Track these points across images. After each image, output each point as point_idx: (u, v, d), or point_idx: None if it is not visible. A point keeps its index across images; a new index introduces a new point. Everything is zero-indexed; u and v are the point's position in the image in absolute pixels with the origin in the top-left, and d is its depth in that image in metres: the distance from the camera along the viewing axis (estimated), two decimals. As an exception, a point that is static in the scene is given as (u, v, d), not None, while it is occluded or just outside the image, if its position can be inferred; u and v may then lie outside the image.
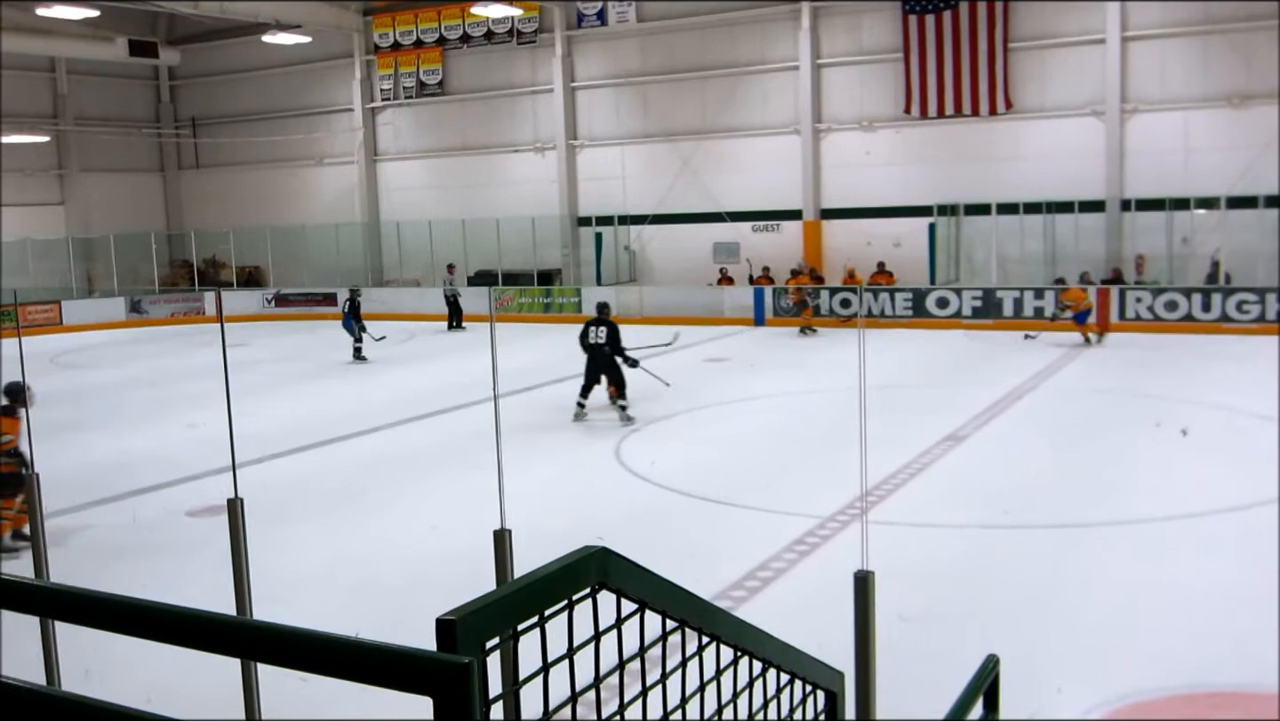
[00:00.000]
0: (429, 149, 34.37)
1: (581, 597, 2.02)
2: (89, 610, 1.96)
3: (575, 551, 2.03)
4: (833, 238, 28.06)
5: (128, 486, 13.12)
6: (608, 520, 10.83)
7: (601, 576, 2.06)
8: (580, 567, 2.00)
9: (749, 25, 28.68)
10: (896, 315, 25.28)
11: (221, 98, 38.00)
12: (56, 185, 36.49)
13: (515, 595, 1.83)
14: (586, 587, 2.02)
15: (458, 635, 1.64)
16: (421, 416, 16.98)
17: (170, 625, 1.87)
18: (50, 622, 6.28)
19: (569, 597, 1.97)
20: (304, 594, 9.02)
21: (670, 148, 30.02)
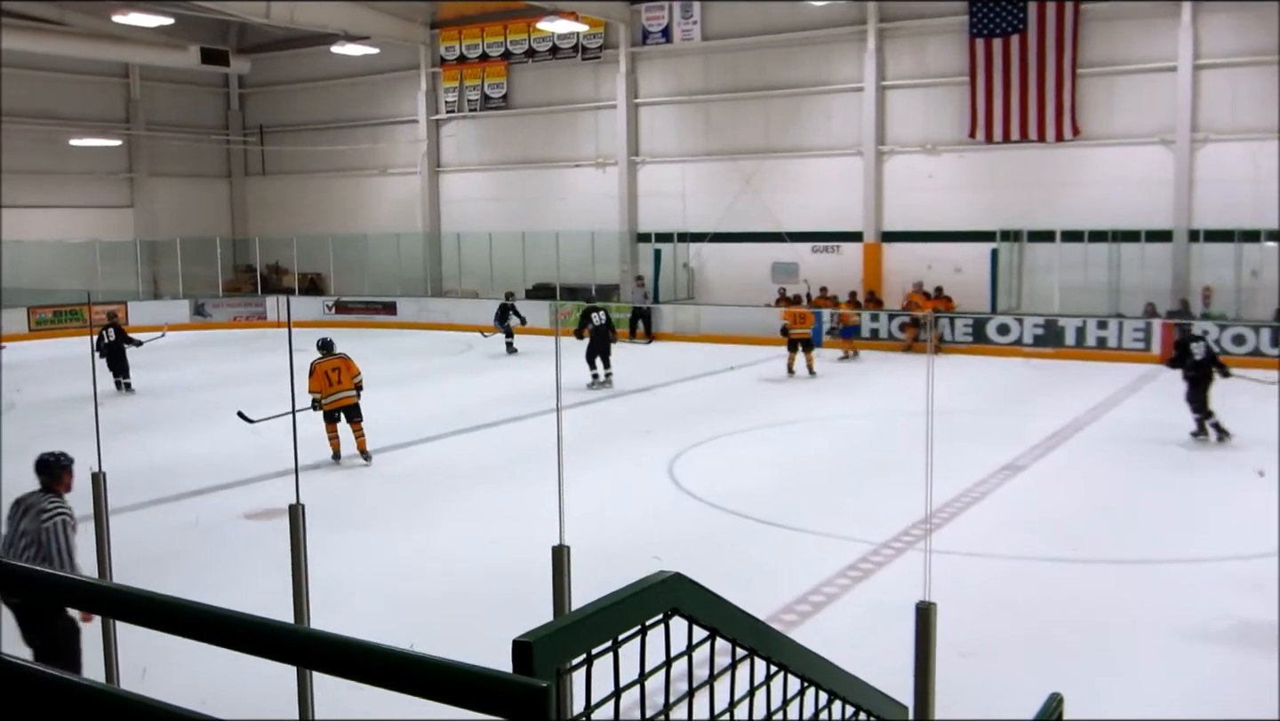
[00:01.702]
0: (491, 162, 34.57)
1: (654, 623, 2.01)
2: (151, 612, 1.97)
3: (650, 576, 2.01)
4: (893, 261, 27.88)
5: (186, 487, 13.28)
6: (660, 538, 10.80)
7: (674, 602, 2.04)
8: (654, 593, 1.98)
9: (813, 46, 28.61)
10: (956, 341, 25.06)
11: (289, 106, 38.49)
12: (126, 189, 37.10)
13: (591, 619, 1.81)
14: (660, 613, 2.01)
15: (534, 657, 1.63)
16: (476, 427, 17.05)
17: (243, 633, 1.88)
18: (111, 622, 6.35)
19: (642, 622, 1.95)
20: (356, 600, 9.07)
21: (731, 166, 29.99)
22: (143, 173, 37.11)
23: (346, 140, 36.64)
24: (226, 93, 39.65)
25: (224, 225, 39.29)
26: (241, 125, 39.71)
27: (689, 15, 30.09)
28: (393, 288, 33.83)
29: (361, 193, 37.08)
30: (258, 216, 39.64)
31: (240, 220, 39.98)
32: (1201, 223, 24.19)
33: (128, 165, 36.88)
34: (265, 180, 39.75)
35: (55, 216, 34.41)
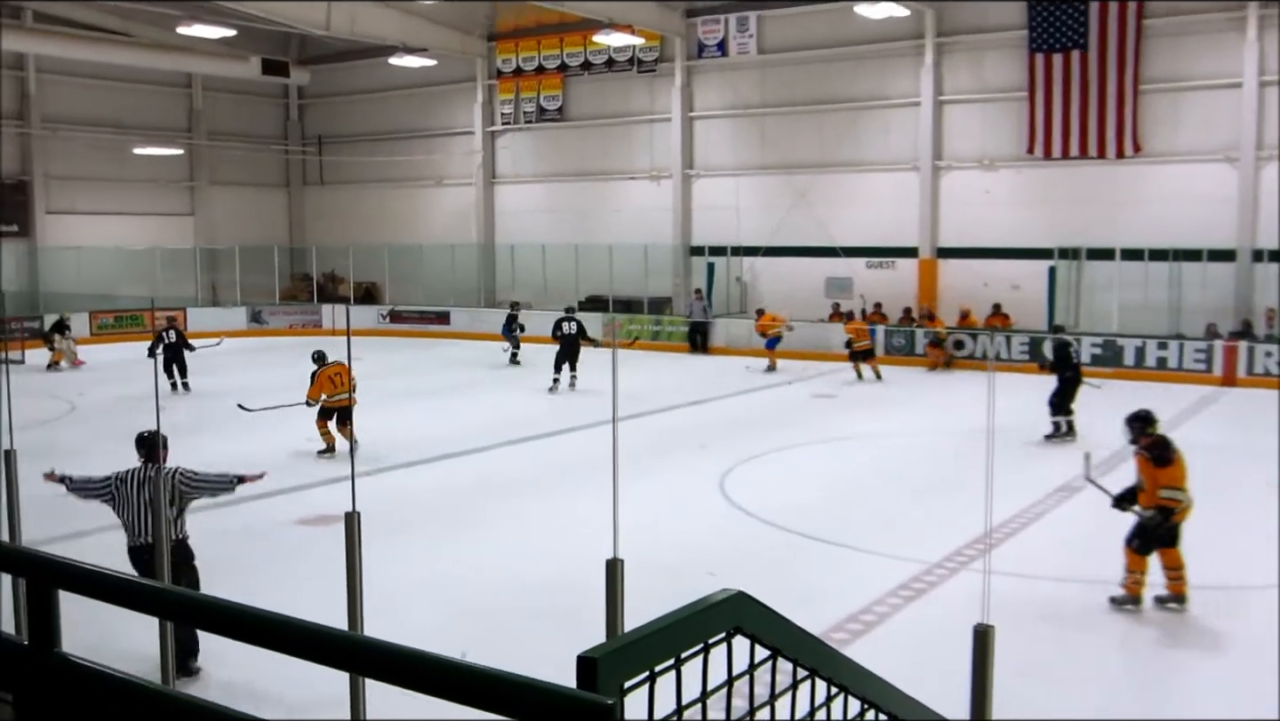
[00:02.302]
0: (545, 173, 34.72)
1: (717, 641, 1.98)
2: (209, 616, 1.98)
3: (713, 595, 1.99)
4: (948, 277, 27.66)
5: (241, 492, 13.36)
6: (712, 553, 10.76)
7: (737, 621, 2.02)
8: (717, 611, 1.96)
9: (870, 60, 28.49)
10: (1012, 359, 24.79)
11: (347, 117, 38.87)
12: (188, 197, 37.62)
13: (654, 636, 1.79)
14: (722, 631, 1.98)
15: (599, 673, 1.61)
16: (528, 438, 17.09)
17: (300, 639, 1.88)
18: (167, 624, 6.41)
19: (705, 641, 1.93)
20: (406, 608, 9.09)
21: (786, 180, 29.92)
22: (203, 181, 37.63)
23: (403, 151, 36.93)
24: (286, 103, 40.14)
25: (282, 234, 39.74)
26: (300, 135, 40.17)
27: (745, 29, 30.09)
28: (446, 298, 34.03)
29: (417, 203, 37.37)
30: (315, 225, 40.05)
31: (298, 229, 40.42)
32: (1266, 242, 23.80)
33: (189, 174, 37.41)
34: (323, 190, 40.16)
35: (118, 223, 34.98)
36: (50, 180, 33.85)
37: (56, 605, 2.06)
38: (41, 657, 2.01)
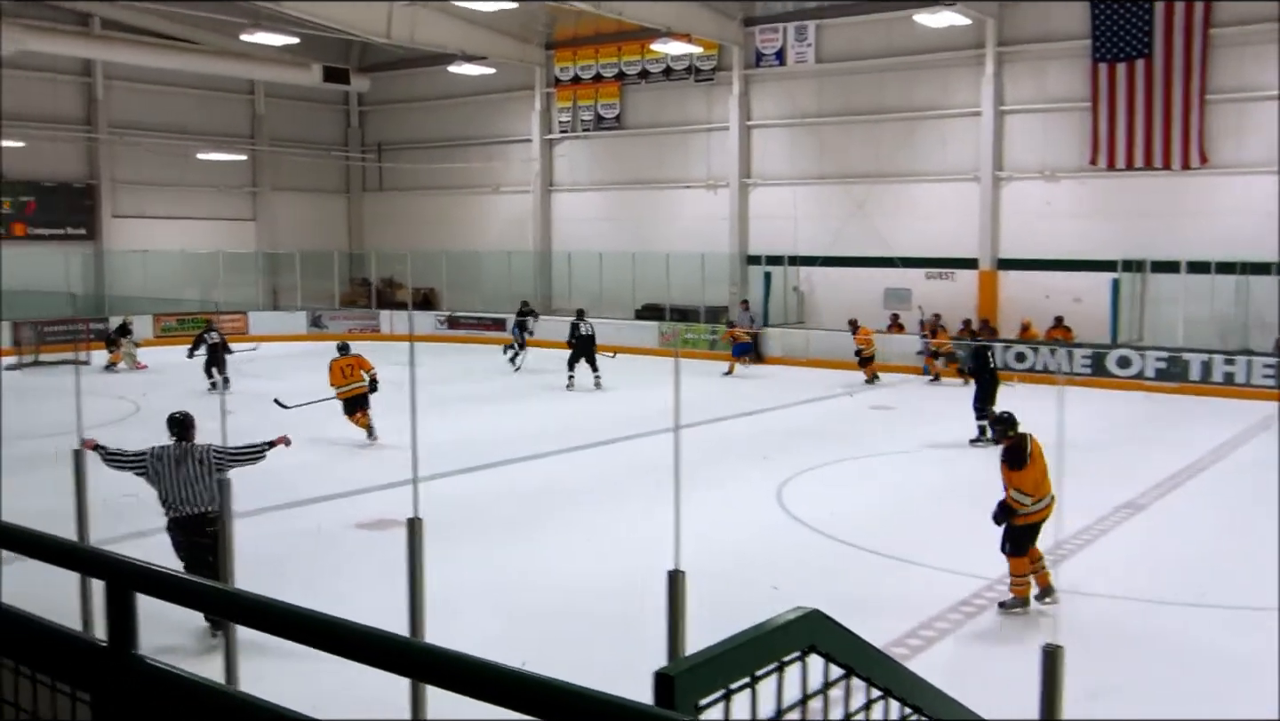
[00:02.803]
0: (602, 181, 34.79)
1: (792, 660, 1.96)
2: (272, 618, 1.99)
3: (789, 612, 1.97)
4: (1009, 289, 27.38)
5: (301, 494, 13.53)
6: (771, 565, 10.72)
7: (812, 639, 2.00)
8: (793, 629, 1.94)
9: (930, 69, 28.30)
10: (1074, 373, 24.48)
11: (406, 124, 39.19)
12: (249, 202, 38.10)
13: (731, 654, 1.78)
14: (797, 650, 1.96)
15: (675, 690, 1.60)
16: (585, 446, 17.12)
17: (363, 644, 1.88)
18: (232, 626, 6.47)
19: (780, 659, 1.91)
20: (465, 614, 9.12)
21: (843, 190, 29.78)
22: (265, 187, 38.09)
23: (461, 158, 37.18)
24: (346, 110, 40.54)
25: (341, 239, 40.13)
26: (360, 142, 40.55)
27: (803, 38, 30.00)
28: (503, 304, 34.16)
29: (475, 210, 37.58)
30: (374, 231, 40.40)
31: (357, 235, 40.80)
32: (1336, 255, 23.36)
33: (251, 179, 37.88)
34: (382, 196, 40.51)
35: (183, 227, 35.50)
36: (117, 185, 34.42)
37: (134, 607, 2.08)
38: (119, 659, 2.03)
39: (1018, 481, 9.38)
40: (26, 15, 29.39)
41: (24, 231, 32.45)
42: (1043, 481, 9.38)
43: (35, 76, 32.04)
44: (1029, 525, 9.42)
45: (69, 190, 33.57)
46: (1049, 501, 9.37)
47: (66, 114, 33.42)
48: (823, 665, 2.13)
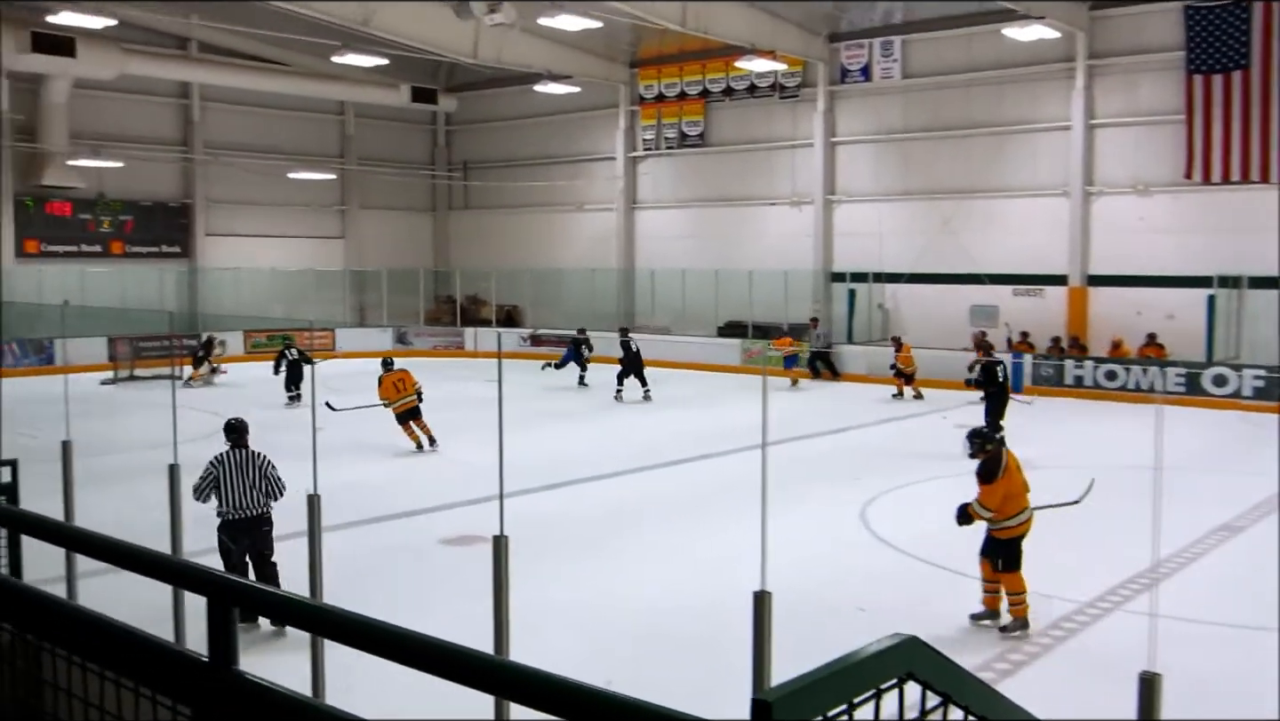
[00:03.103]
0: (686, 199, 34.83)
1: (889, 687, 1.94)
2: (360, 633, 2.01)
3: (886, 639, 1.95)
4: (1100, 305, 26.89)
5: (386, 510, 13.68)
6: (856, 586, 10.62)
7: (910, 666, 1.97)
8: (890, 656, 1.92)
9: (1018, 84, 27.96)
10: (1168, 391, 23.95)
11: (492, 143, 39.59)
12: (338, 220, 38.74)
13: (828, 680, 1.76)
14: (894, 677, 1.94)
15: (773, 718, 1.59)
16: (667, 463, 17.11)
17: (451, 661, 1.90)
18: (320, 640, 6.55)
19: (877, 686, 1.89)
20: (549, 633, 9.14)
21: (929, 206, 29.50)
22: (354, 205, 38.70)
23: (546, 176, 37.46)
24: (434, 129, 41.08)
25: (427, 257, 40.62)
26: (447, 161, 41.05)
27: (889, 53, 29.82)
28: (587, 322, 34.26)
29: (559, 228, 37.83)
30: (459, 249, 40.84)
31: (442, 252, 41.27)
32: None
33: (340, 198, 38.52)
34: (467, 214, 40.95)
35: (273, 245, 36.20)
36: (210, 204, 35.21)
37: (234, 623, 2.12)
38: (220, 674, 2.07)
39: (985, 495, 9.56)
40: (128, 39, 30.22)
41: (122, 249, 33.32)
42: (1018, 497, 9.57)
43: (135, 99, 32.97)
44: (1012, 539, 9.53)
45: (165, 209, 34.41)
46: (1026, 517, 9.56)
47: (164, 135, 34.28)
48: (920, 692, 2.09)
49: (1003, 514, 9.52)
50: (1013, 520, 9.53)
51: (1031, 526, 9.62)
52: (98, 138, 31.82)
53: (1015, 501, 9.56)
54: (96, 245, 32.88)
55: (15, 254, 31.04)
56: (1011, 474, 9.61)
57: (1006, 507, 9.53)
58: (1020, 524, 9.53)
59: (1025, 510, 9.57)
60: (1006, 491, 9.52)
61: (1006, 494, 9.52)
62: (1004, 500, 9.51)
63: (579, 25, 26.42)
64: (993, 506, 9.50)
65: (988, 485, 9.56)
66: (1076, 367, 25.43)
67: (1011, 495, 9.54)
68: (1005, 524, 9.53)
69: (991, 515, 9.51)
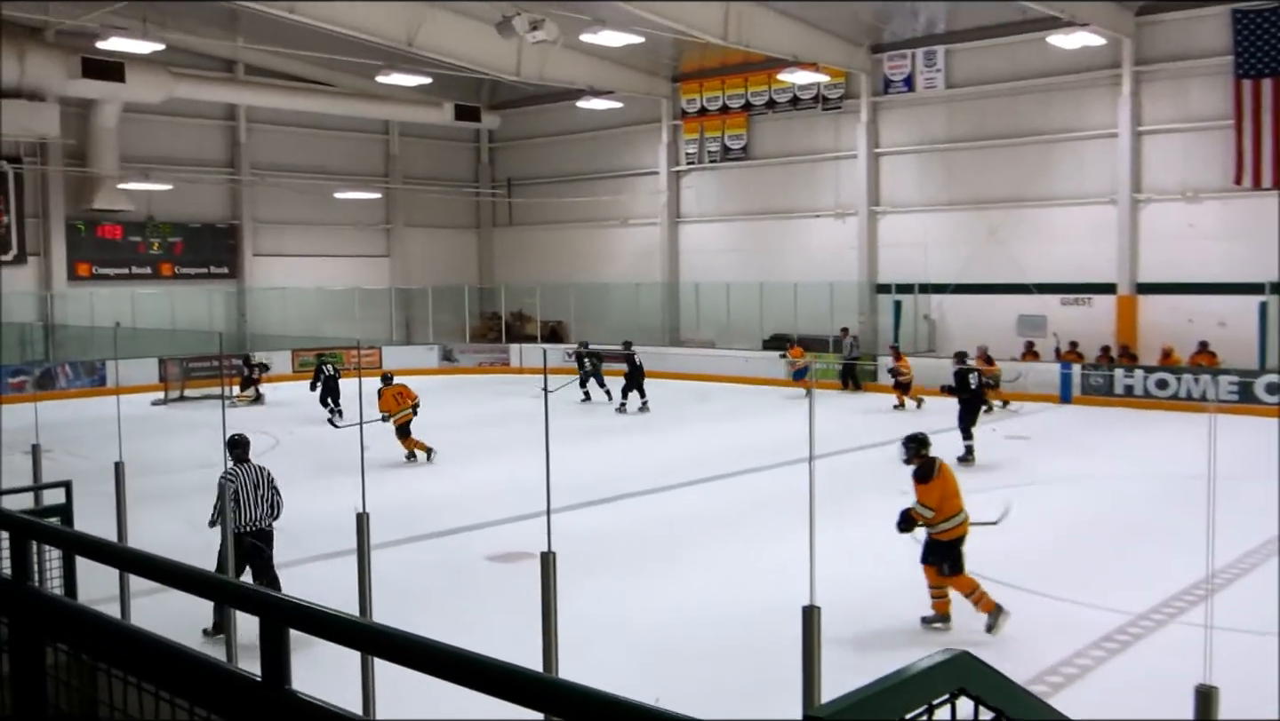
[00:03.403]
0: (730, 212, 34.82)
1: (940, 703, 1.92)
2: (410, 652, 2.02)
3: (937, 654, 1.93)
4: (1149, 314, 26.58)
5: (433, 526, 13.74)
6: (905, 600, 10.53)
7: (961, 682, 1.95)
8: (942, 671, 1.90)
9: (1064, 91, 27.74)
10: (1220, 400, 23.63)
11: (535, 159, 39.77)
12: (384, 239, 39.04)
13: (880, 696, 1.75)
14: (946, 692, 1.92)
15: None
16: (714, 477, 17.07)
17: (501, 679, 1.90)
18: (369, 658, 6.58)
19: (929, 702, 1.87)
20: (597, 650, 9.13)
21: (975, 216, 29.31)
22: (399, 223, 38.99)
23: (589, 191, 37.57)
24: (477, 147, 41.32)
25: (472, 274, 40.82)
26: (490, 178, 41.27)
27: (932, 63, 29.69)
28: (631, 336, 34.28)
29: (603, 243, 37.92)
30: (504, 265, 41.02)
31: (487, 269, 41.47)
32: None
33: (386, 216, 38.82)
34: (511, 230, 41.13)
35: (319, 264, 36.53)
36: (257, 224, 35.59)
37: (287, 643, 2.13)
38: (274, 694, 2.08)
39: (922, 495, 9.88)
40: (176, 63, 30.65)
41: (171, 271, 33.75)
42: (953, 498, 9.90)
43: (183, 121, 33.42)
44: (950, 541, 9.82)
45: (213, 230, 34.82)
46: (962, 519, 9.87)
47: (211, 157, 34.71)
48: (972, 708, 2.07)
49: (942, 513, 9.81)
50: (951, 521, 9.83)
51: (968, 529, 9.88)
52: (147, 161, 32.27)
53: (952, 502, 9.88)
54: (146, 267, 33.31)
55: (68, 277, 31.52)
56: (946, 476, 9.98)
57: (945, 508, 9.83)
58: (958, 525, 9.84)
59: (961, 512, 9.88)
60: (943, 492, 9.85)
61: (943, 494, 9.84)
62: (942, 500, 9.82)
63: (621, 41, 26.50)
64: (933, 505, 9.79)
65: (924, 485, 9.89)
66: (1127, 377, 25.14)
67: (947, 496, 9.87)
68: (944, 525, 9.81)
69: (932, 514, 9.79)
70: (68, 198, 31.41)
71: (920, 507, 9.88)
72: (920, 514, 9.87)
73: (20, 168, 30.33)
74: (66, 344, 30.75)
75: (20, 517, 3.17)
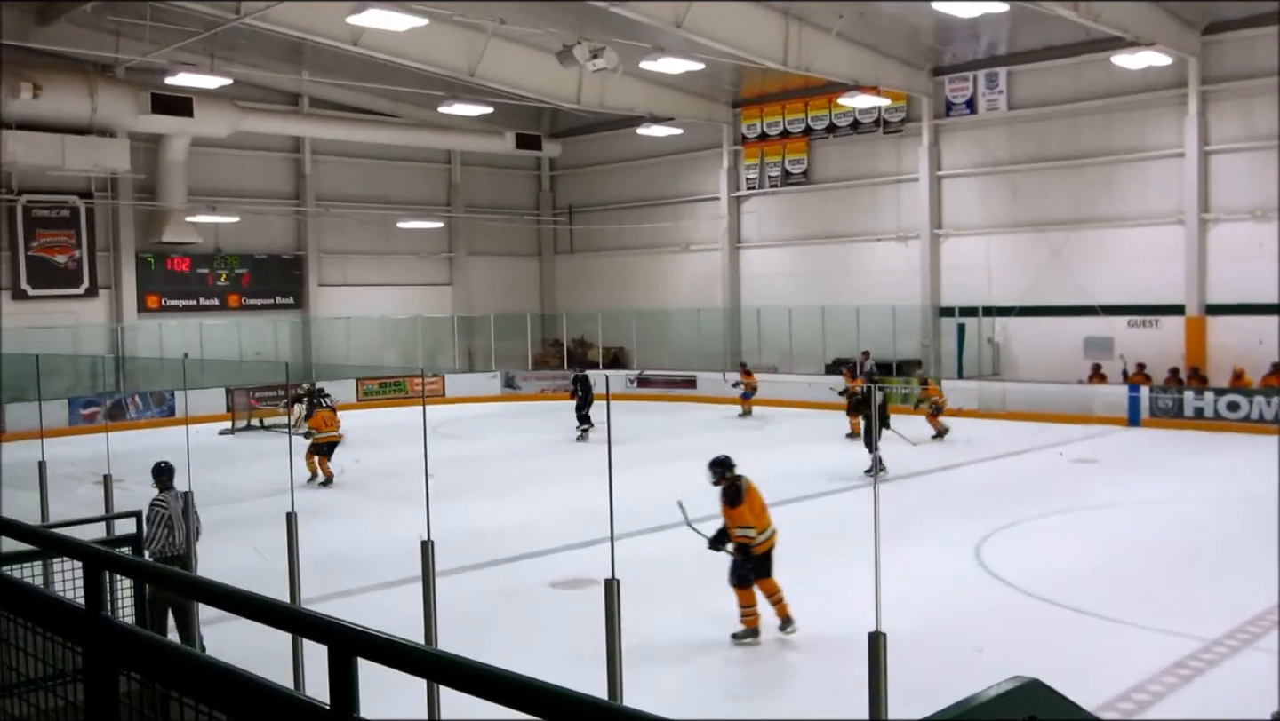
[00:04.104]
0: (791, 237, 34.76)
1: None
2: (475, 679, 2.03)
3: (1007, 682, 1.91)
4: (1219, 335, 26.12)
5: (495, 553, 13.78)
6: (971, 626, 10.41)
7: (1033, 709, 1.93)
8: (1013, 699, 1.88)
9: (1129, 111, 27.43)
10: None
11: (596, 186, 39.97)
12: (446, 267, 39.37)
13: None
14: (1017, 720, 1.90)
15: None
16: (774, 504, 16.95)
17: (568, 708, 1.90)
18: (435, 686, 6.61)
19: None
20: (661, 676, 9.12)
21: (1039, 237, 29.02)
22: (461, 252, 39.31)
23: (650, 218, 37.66)
24: (538, 175, 41.61)
25: (533, 301, 41.06)
26: (552, 205, 41.52)
27: (994, 85, 29.50)
28: (693, 362, 34.33)
29: (664, 268, 37.99)
30: (565, 292, 41.20)
31: (549, 296, 41.69)
32: None
33: (448, 245, 39.16)
34: (573, 257, 41.32)
35: (383, 294, 36.92)
36: (322, 254, 36.05)
37: (355, 672, 2.15)
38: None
39: (737, 518, 10.23)
40: (242, 97, 31.22)
41: (238, 302, 34.25)
42: (762, 515, 10.34)
43: (249, 154, 33.99)
44: (764, 554, 10.26)
45: (279, 261, 35.33)
46: (770, 534, 10.33)
47: (277, 189, 35.25)
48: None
49: (759, 529, 10.27)
50: (762, 536, 10.28)
51: (776, 540, 10.36)
52: (214, 194, 32.84)
53: (762, 518, 10.36)
54: (214, 299, 33.85)
55: (138, 310, 32.09)
56: (753, 495, 10.38)
57: (757, 525, 10.29)
58: (768, 539, 10.31)
59: (769, 527, 10.38)
60: (752, 510, 10.27)
61: (754, 512, 10.28)
62: (754, 518, 10.27)
63: (681, 68, 26.62)
64: (751, 523, 10.20)
65: (734, 509, 10.27)
66: (1196, 399, 24.71)
67: (756, 514, 10.29)
68: (760, 538, 10.26)
69: (754, 533, 10.16)
70: (137, 231, 32.02)
71: (743, 530, 10.18)
72: (747, 537, 10.16)
73: (91, 202, 30.98)
74: (136, 375, 31.32)
75: (93, 548, 3.23)
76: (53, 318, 29.84)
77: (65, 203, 30.55)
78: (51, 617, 2.94)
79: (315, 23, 24.47)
